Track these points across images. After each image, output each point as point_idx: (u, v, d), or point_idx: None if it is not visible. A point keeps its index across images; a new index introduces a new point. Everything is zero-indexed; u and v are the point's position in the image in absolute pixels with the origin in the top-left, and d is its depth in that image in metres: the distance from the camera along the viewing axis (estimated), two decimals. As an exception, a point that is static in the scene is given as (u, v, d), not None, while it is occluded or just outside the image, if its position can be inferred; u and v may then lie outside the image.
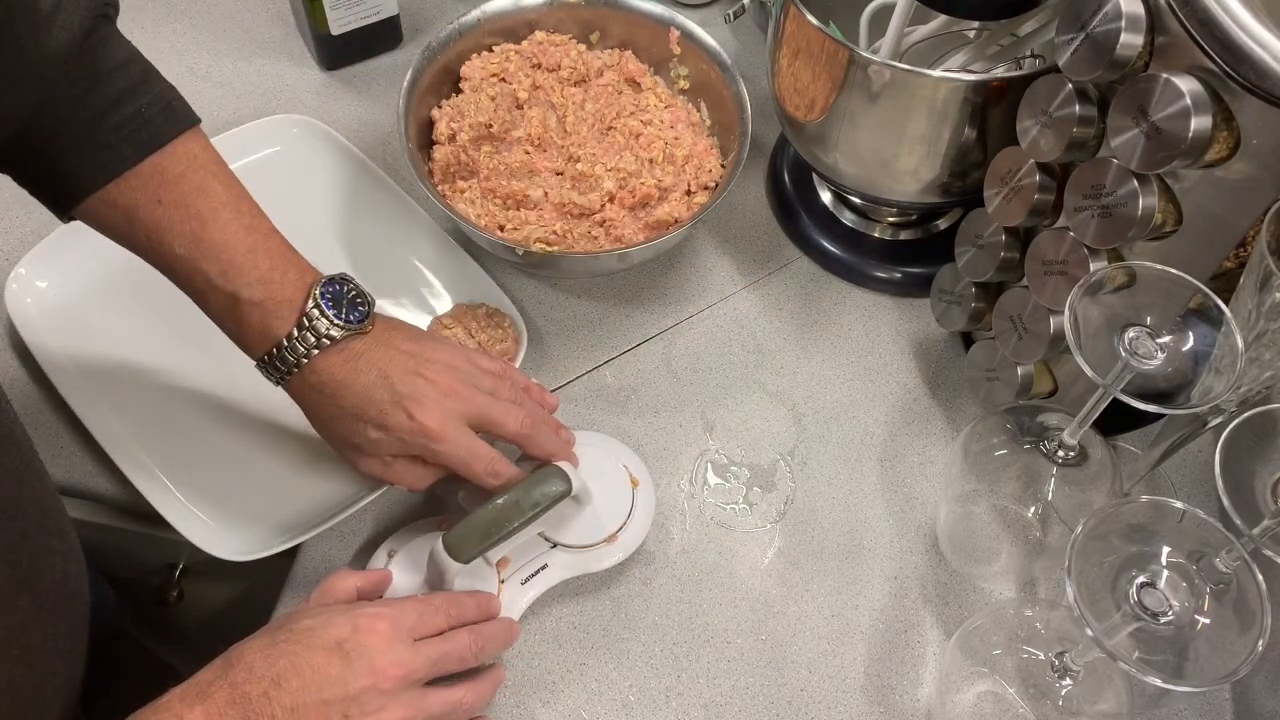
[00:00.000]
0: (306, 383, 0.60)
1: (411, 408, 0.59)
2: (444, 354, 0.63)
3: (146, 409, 0.73)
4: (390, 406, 0.59)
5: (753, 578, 0.70)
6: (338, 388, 0.59)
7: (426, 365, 0.61)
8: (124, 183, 0.57)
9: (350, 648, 0.52)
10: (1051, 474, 0.64)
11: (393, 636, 0.54)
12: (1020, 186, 0.65)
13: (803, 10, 0.70)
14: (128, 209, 0.58)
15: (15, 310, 0.75)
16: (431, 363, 0.61)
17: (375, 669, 0.52)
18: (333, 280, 0.60)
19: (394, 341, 0.61)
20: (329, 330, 0.59)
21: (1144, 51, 0.55)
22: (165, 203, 0.57)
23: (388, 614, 0.55)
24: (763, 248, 0.86)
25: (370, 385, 0.59)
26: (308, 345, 0.58)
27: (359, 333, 0.60)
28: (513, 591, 0.65)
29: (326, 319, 0.59)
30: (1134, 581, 0.50)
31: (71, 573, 0.57)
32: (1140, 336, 0.52)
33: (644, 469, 0.70)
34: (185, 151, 0.59)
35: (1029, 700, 0.61)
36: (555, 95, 0.83)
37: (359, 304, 0.60)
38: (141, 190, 0.57)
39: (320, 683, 0.51)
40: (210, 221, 0.58)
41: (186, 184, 0.58)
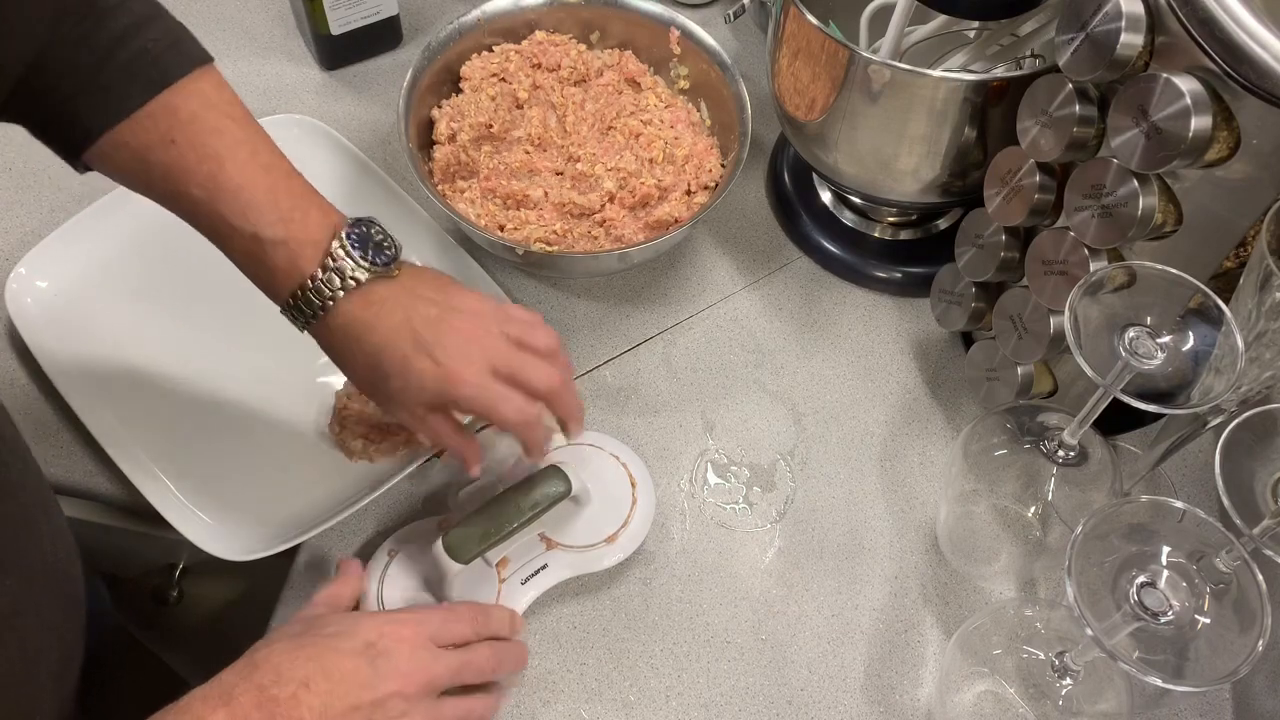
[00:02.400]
0: (330, 327, 0.57)
1: (436, 353, 0.56)
2: (472, 301, 0.60)
3: (146, 409, 0.73)
4: (413, 352, 0.57)
5: (753, 578, 0.70)
6: (361, 331, 0.57)
7: (452, 312, 0.58)
8: (134, 124, 0.55)
9: (376, 653, 0.52)
10: (1051, 474, 0.64)
11: (416, 643, 0.54)
12: (1020, 186, 0.65)
13: (803, 10, 0.70)
14: (140, 150, 0.55)
15: (15, 310, 0.75)
16: (458, 310, 0.58)
17: (401, 674, 0.52)
18: (359, 221, 0.58)
19: (420, 288, 0.59)
20: (354, 272, 0.56)
21: (1144, 51, 0.55)
22: (179, 143, 0.55)
23: (411, 621, 0.55)
24: (763, 248, 0.86)
25: (393, 330, 0.57)
26: (333, 288, 0.56)
27: (385, 276, 0.57)
28: (512, 591, 0.65)
29: (352, 260, 0.56)
30: (1134, 581, 0.50)
31: (61, 553, 0.57)
32: (1140, 336, 0.52)
33: (643, 468, 0.70)
34: (197, 90, 0.56)
35: (1029, 700, 0.61)
36: (555, 95, 0.83)
37: (385, 247, 0.58)
38: (153, 130, 0.55)
39: (348, 687, 0.51)
40: (227, 161, 0.55)
41: (200, 123, 0.55)
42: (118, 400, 0.72)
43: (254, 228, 0.55)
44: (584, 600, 0.68)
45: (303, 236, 0.56)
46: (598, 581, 0.69)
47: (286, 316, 0.58)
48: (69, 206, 0.82)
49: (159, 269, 0.79)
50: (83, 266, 0.77)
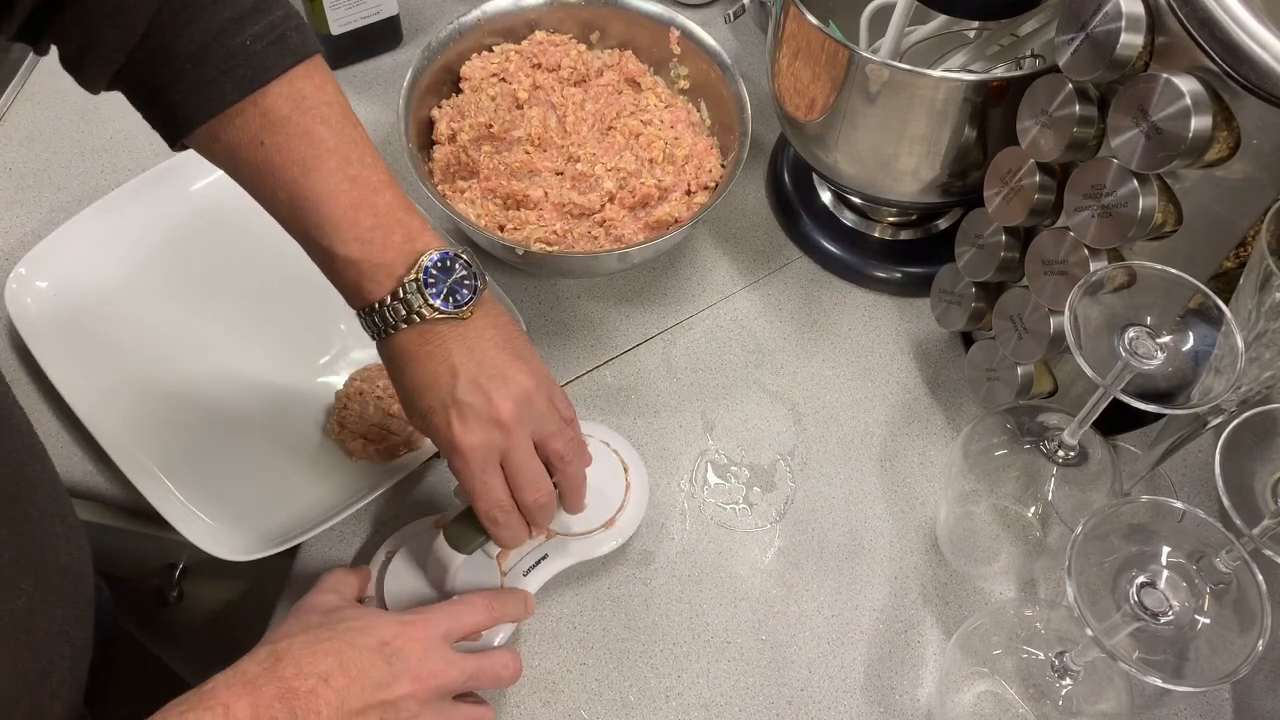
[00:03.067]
0: (387, 349, 0.57)
1: (454, 417, 0.55)
2: (524, 377, 0.57)
3: (146, 409, 0.73)
4: (438, 407, 0.55)
5: (753, 578, 0.70)
6: (408, 362, 0.56)
7: (499, 385, 0.56)
8: (226, 120, 0.53)
9: (391, 652, 0.52)
10: (1051, 474, 0.64)
11: (430, 644, 0.54)
12: (1020, 186, 0.65)
13: (803, 10, 0.70)
14: (231, 148, 0.54)
15: (15, 310, 0.75)
16: (506, 382, 0.56)
17: (414, 676, 0.52)
18: (444, 254, 0.55)
19: (484, 340, 0.57)
20: (420, 308, 0.54)
21: (1144, 51, 0.55)
22: (268, 145, 0.54)
23: (423, 620, 0.55)
24: (763, 248, 0.86)
25: (432, 376, 0.55)
26: (397, 317, 0.54)
27: (452, 318, 0.55)
28: (515, 584, 0.65)
29: (422, 296, 0.54)
30: (1134, 581, 0.50)
31: (75, 556, 0.57)
32: (1140, 336, 0.52)
33: (634, 453, 0.71)
34: (294, 91, 0.54)
35: (1029, 700, 0.61)
36: (555, 95, 0.83)
37: (465, 288, 0.55)
38: (244, 130, 0.54)
39: (365, 684, 0.51)
40: (313, 170, 0.54)
41: (291, 127, 0.54)
42: (118, 400, 0.72)
43: (329, 242, 0.54)
44: (584, 600, 0.68)
45: (379, 259, 0.54)
46: (598, 582, 0.69)
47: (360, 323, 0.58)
48: (69, 206, 0.82)
49: (159, 269, 0.79)
50: (83, 266, 0.77)
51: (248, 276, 0.79)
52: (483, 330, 0.57)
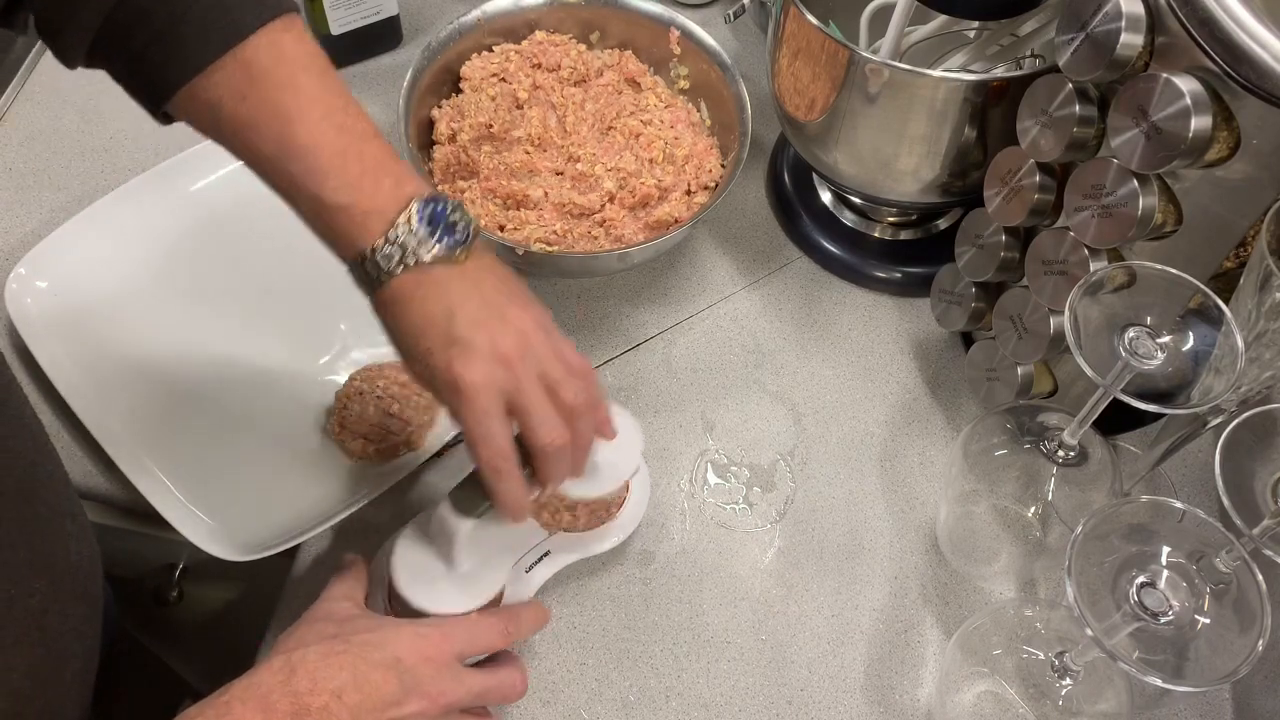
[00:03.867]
0: (381, 298, 0.54)
1: (455, 355, 0.53)
2: (526, 320, 0.55)
3: (146, 409, 0.73)
4: (438, 346, 0.53)
5: (753, 578, 0.70)
6: (402, 309, 0.54)
7: (500, 323, 0.54)
8: (207, 78, 0.52)
9: (404, 669, 0.52)
10: (1051, 474, 0.64)
11: (442, 662, 0.54)
12: (1020, 186, 0.65)
13: (803, 10, 0.70)
14: (212, 105, 0.53)
15: (15, 310, 0.75)
16: (506, 321, 0.54)
17: (425, 694, 0.52)
18: (434, 198, 0.54)
19: (482, 284, 0.55)
20: (417, 249, 0.53)
21: (1144, 51, 0.55)
22: (250, 99, 0.53)
23: (438, 636, 0.55)
24: (763, 248, 0.86)
25: (429, 317, 0.53)
26: (391, 263, 0.53)
27: (447, 260, 0.54)
28: (517, 581, 0.64)
29: (416, 238, 0.53)
30: (1134, 581, 0.50)
31: (85, 555, 0.57)
32: (1140, 336, 0.52)
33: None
34: (273, 43, 0.53)
35: (1029, 700, 0.61)
36: (555, 95, 0.83)
37: (456, 228, 0.54)
38: (225, 85, 0.53)
39: (377, 700, 0.51)
40: (298, 120, 0.53)
41: (273, 79, 0.53)
42: (117, 400, 0.72)
43: (318, 189, 0.53)
44: (584, 600, 0.68)
45: (369, 205, 0.53)
46: (598, 581, 0.69)
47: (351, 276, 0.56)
48: (69, 206, 0.82)
49: (159, 269, 0.79)
50: (83, 266, 0.77)
51: (248, 276, 0.79)
52: (479, 274, 0.55)
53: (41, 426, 0.56)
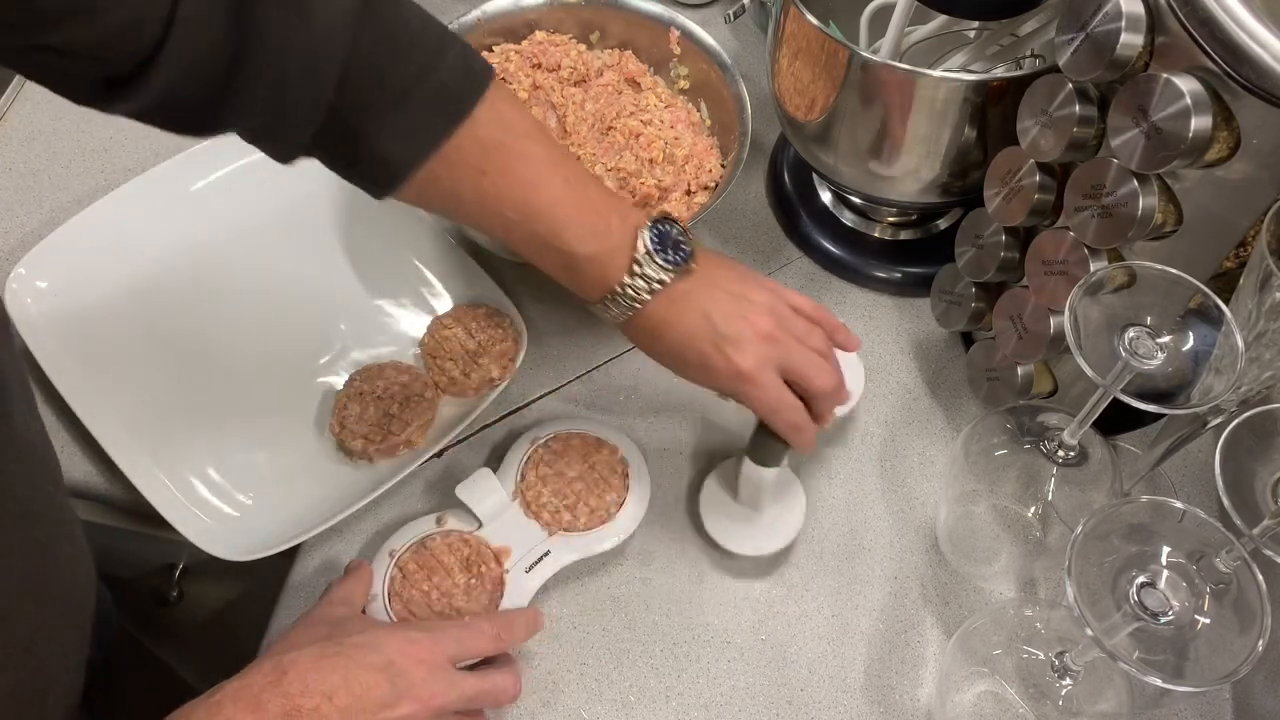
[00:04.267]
0: (636, 325, 0.60)
1: (730, 351, 0.59)
2: (765, 296, 0.62)
3: (146, 408, 0.73)
4: (711, 349, 0.59)
5: (753, 577, 0.70)
6: (665, 329, 0.59)
7: (749, 308, 0.60)
8: (441, 159, 0.55)
9: (396, 671, 0.53)
10: (1051, 474, 0.64)
11: (434, 665, 0.54)
12: (1020, 186, 0.65)
13: (803, 10, 0.70)
14: (451, 184, 0.56)
15: (15, 310, 0.75)
16: (754, 304, 0.61)
17: (417, 697, 0.53)
18: (657, 222, 0.59)
19: (718, 281, 0.61)
20: (659, 275, 0.58)
21: (1144, 51, 0.55)
22: (489, 173, 0.56)
23: (429, 640, 0.55)
24: (763, 248, 0.86)
25: (693, 328, 0.59)
26: (639, 291, 0.58)
27: (684, 273, 0.59)
28: (517, 581, 0.65)
29: (656, 264, 0.58)
30: (1134, 581, 0.50)
31: (80, 579, 0.57)
32: (1140, 336, 0.52)
33: (633, 447, 0.71)
34: (496, 115, 0.56)
35: (1029, 700, 0.61)
36: (555, 95, 0.83)
37: (683, 244, 0.60)
38: (460, 165, 0.55)
39: (368, 702, 0.51)
40: (540, 185, 0.57)
41: (507, 151, 0.56)
42: (117, 400, 0.72)
43: (569, 246, 0.57)
44: (584, 600, 0.68)
45: (611, 246, 0.58)
46: (598, 581, 0.69)
47: (596, 311, 0.61)
48: (69, 206, 0.82)
49: (159, 269, 0.79)
50: (83, 267, 0.77)
51: (248, 276, 0.79)
52: (714, 274, 0.61)
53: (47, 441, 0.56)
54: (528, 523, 0.67)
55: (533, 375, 0.78)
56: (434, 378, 0.75)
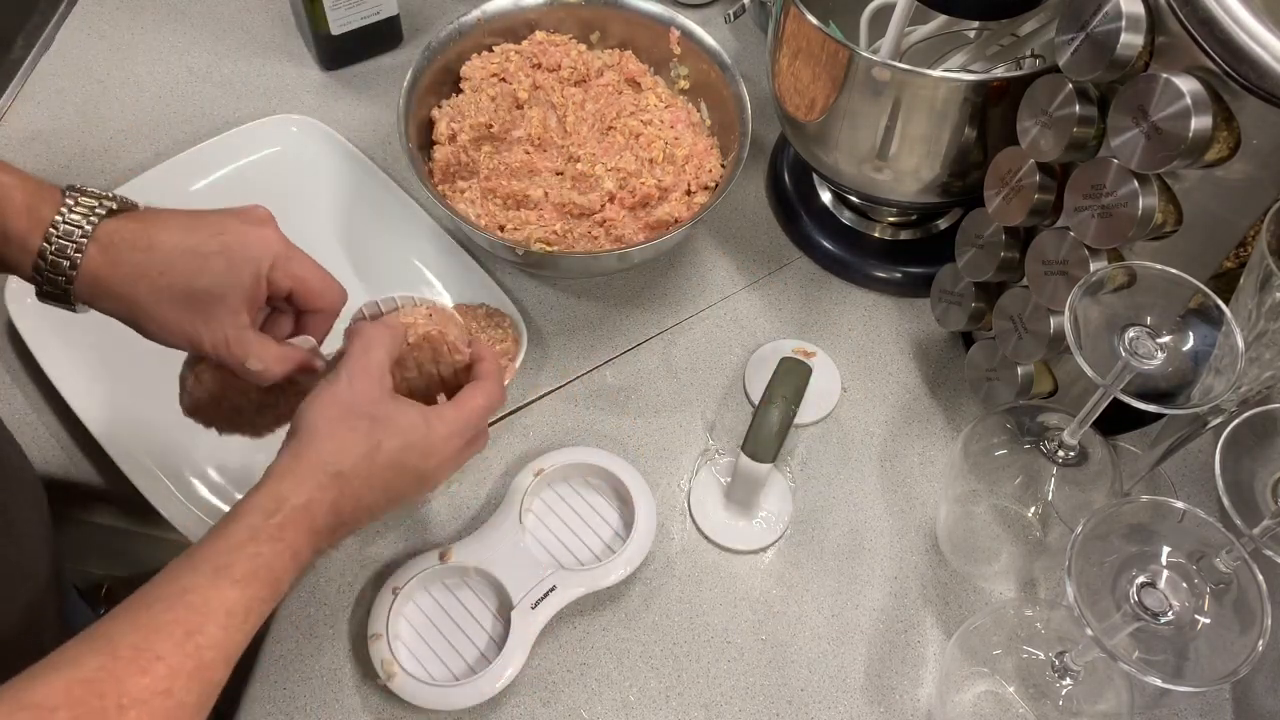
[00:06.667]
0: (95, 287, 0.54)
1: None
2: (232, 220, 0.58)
3: (147, 409, 0.73)
4: (213, 254, 0.55)
5: (753, 578, 0.70)
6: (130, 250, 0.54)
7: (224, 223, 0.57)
8: None
9: (428, 478, 0.57)
10: (1051, 474, 0.64)
11: (455, 463, 0.59)
12: (1020, 186, 0.65)
13: (803, 10, 0.70)
14: None
15: (15, 310, 0.75)
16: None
17: (434, 484, 0.59)
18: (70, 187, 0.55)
19: (168, 215, 0.56)
20: (95, 208, 0.53)
21: (1144, 51, 0.55)
22: None
23: (465, 451, 0.59)
24: (763, 248, 0.86)
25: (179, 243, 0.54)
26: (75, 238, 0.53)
27: (123, 209, 0.55)
28: (523, 617, 0.64)
29: (89, 198, 0.53)
30: (1134, 581, 0.50)
31: (28, 467, 0.62)
32: (1140, 336, 0.52)
33: (637, 475, 0.70)
34: None
35: (1029, 700, 0.61)
36: (555, 95, 0.83)
37: (105, 195, 0.55)
38: None
39: (398, 502, 0.56)
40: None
41: None
42: (117, 400, 0.72)
43: None
44: (584, 601, 0.68)
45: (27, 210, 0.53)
46: (598, 581, 0.69)
47: (46, 299, 0.55)
48: (69, 206, 0.82)
49: (159, 269, 0.79)
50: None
51: (248, 276, 0.79)
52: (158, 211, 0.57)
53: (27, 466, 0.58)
54: (533, 557, 0.67)
55: (533, 375, 0.78)
56: (434, 378, 0.75)
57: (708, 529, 0.71)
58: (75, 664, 0.43)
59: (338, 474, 0.52)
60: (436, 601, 0.66)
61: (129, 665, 0.44)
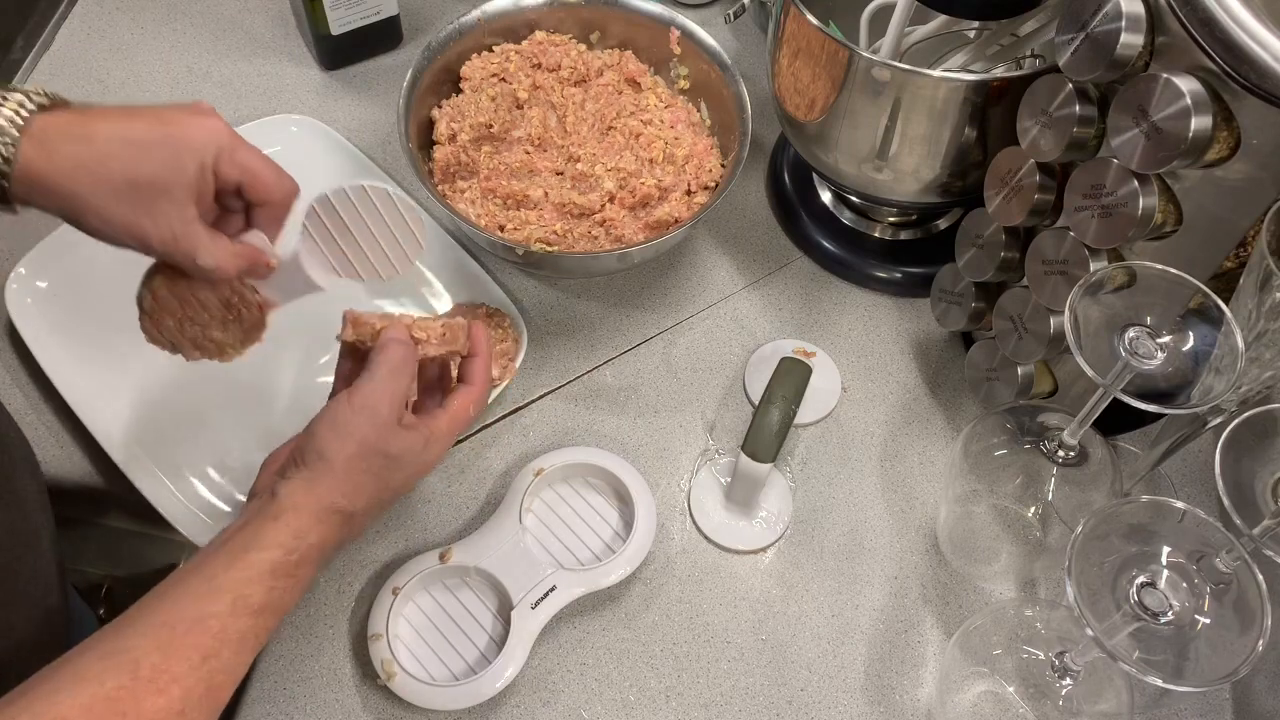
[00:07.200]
0: (33, 184, 0.52)
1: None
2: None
3: (146, 408, 0.73)
4: (155, 144, 0.52)
5: (753, 578, 0.70)
6: (73, 136, 0.51)
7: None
8: None
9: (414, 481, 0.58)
10: (1051, 474, 0.64)
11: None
12: (1020, 186, 0.65)
13: (803, 10, 0.70)
14: None
15: (15, 310, 0.75)
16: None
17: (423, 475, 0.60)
18: None
19: (105, 108, 0.54)
20: (25, 103, 0.51)
21: (1144, 51, 0.55)
22: None
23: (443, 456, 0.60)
24: (763, 248, 0.86)
25: (117, 132, 0.52)
26: (7, 133, 0.50)
27: (56, 104, 0.52)
28: (523, 617, 0.64)
29: (19, 93, 0.51)
30: (1134, 581, 0.50)
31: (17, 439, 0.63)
32: (1140, 336, 0.52)
33: (637, 475, 0.70)
34: None
35: (1029, 700, 0.61)
36: (555, 95, 0.83)
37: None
38: None
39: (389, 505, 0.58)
40: None
41: None
42: (117, 400, 0.72)
43: None
44: (583, 600, 0.68)
45: None
46: (598, 581, 0.69)
47: None
48: (69, 206, 0.82)
49: (159, 269, 0.79)
50: (83, 267, 0.77)
51: (248, 276, 0.79)
52: (90, 111, 0.54)
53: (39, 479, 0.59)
54: (533, 557, 0.67)
55: (533, 375, 0.78)
56: (434, 378, 0.75)
57: (708, 529, 0.71)
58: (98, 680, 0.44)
59: (350, 516, 0.54)
60: (436, 601, 0.66)
61: (148, 685, 0.45)
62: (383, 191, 0.60)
